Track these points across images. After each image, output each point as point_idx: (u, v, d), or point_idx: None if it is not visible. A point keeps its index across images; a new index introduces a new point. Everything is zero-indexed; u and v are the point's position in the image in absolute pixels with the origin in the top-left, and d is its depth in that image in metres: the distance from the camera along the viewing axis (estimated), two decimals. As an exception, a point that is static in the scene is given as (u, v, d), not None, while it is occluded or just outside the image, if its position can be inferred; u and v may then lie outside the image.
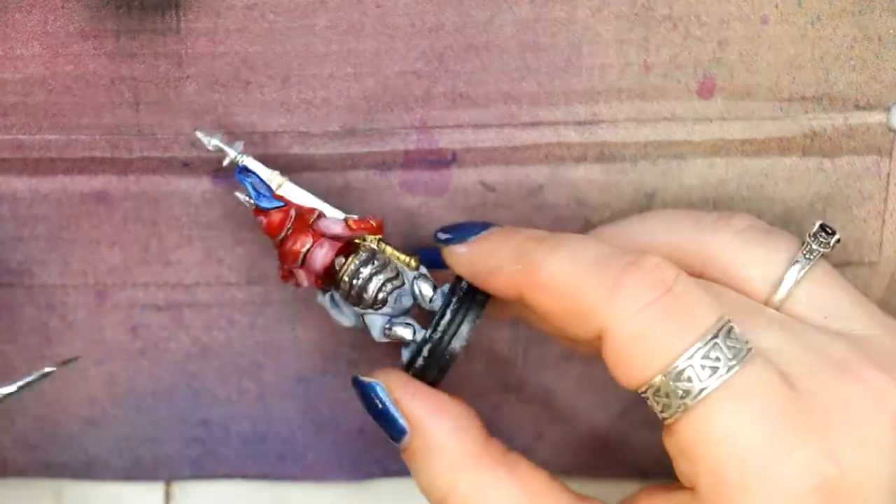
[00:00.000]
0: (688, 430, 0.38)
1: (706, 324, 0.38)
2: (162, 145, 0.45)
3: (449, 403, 0.43)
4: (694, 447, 0.38)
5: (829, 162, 0.47)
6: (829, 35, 0.45)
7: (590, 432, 0.51)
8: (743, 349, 0.38)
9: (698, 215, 0.44)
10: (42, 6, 0.43)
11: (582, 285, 0.39)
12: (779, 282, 0.42)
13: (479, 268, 0.42)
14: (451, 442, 0.42)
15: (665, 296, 0.38)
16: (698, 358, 0.38)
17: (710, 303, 0.39)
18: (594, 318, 0.39)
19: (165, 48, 0.44)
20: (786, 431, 0.38)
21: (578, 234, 0.42)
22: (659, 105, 0.46)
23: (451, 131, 0.46)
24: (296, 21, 0.44)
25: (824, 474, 0.38)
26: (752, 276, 0.43)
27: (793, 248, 0.43)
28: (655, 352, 0.38)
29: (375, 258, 0.44)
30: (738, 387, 0.38)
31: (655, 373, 0.38)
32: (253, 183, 0.44)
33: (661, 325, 0.38)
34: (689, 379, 0.38)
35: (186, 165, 0.46)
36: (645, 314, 0.38)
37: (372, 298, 0.43)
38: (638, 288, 0.38)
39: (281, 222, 0.44)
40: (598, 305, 0.39)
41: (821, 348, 0.40)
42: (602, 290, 0.39)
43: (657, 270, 0.39)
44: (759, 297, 0.43)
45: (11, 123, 0.45)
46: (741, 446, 0.38)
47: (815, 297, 0.42)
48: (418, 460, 0.42)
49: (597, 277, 0.39)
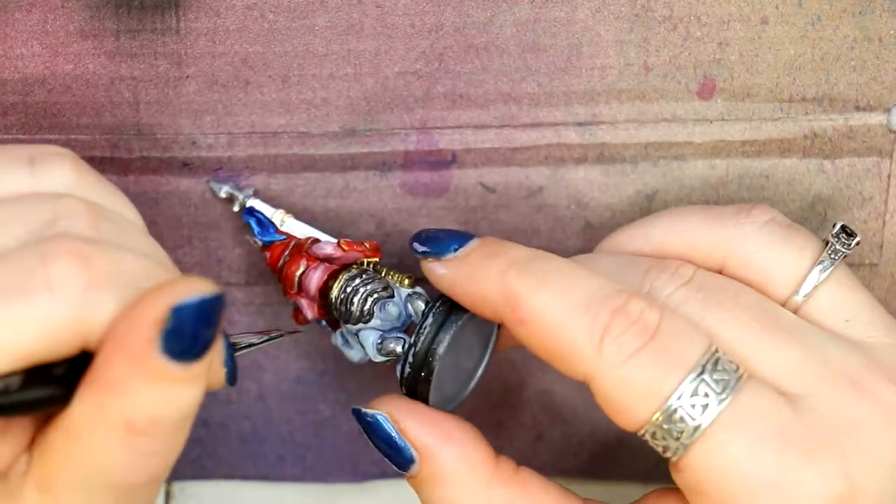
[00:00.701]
0: (692, 467, 0.38)
1: (691, 360, 0.38)
2: (161, 145, 0.45)
3: (454, 427, 0.42)
4: (701, 483, 0.38)
5: (829, 163, 0.47)
6: (829, 36, 0.45)
7: (590, 434, 0.51)
8: (732, 379, 0.38)
9: (717, 208, 0.44)
10: (42, 6, 0.43)
11: (567, 331, 0.38)
12: (801, 281, 0.42)
13: (460, 292, 0.41)
14: (460, 467, 0.41)
15: (650, 341, 0.38)
16: (687, 397, 0.38)
17: (695, 336, 0.39)
18: (580, 363, 0.38)
19: (165, 48, 0.44)
20: (791, 454, 0.38)
21: (564, 262, 0.40)
22: (659, 106, 0.46)
23: (451, 132, 0.46)
24: (296, 21, 0.44)
25: (837, 493, 0.37)
26: (774, 272, 0.42)
27: (814, 247, 0.42)
28: (644, 397, 0.38)
29: (364, 275, 0.44)
30: (733, 418, 0.38)
31: (647, 418, 0.38)
32: (259, 220, 0.45)
33: (647, 371, 0.38)
34: (681, 419, 0.38)
35: (186, 165, 0.46)
36: (631, 362, 0.38)
37: (358, 310, 0.43)
38: (625, 337, 0.38)
39: (279, 252, 0.45)
40: (584, 353, 0.38)
41: (837, 364, 0.40)
42: (589, 339, 0.38)
43: (643, 316, 0.38)
44: (778, 295, 0.42)
45: (11, 123, 0.45)
46: (748, 475, 0.38)
47: (836, 301, 0.42)
48: (428, 488, 0.42)
49: (583, 323, 0.38)
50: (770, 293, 0.42)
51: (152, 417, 0.34)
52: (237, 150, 0.46)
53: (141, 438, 0.34)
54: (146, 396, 0.34)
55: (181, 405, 0.35)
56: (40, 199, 0.36)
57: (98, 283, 0.34)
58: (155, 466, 0.35)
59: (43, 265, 0.34)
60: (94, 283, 0.34)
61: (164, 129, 0.45)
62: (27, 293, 0.34)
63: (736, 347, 0.40)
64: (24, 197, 0.36)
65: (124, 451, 0.34)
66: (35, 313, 0.34)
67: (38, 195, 0.36)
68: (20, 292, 0.34)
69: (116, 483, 0.35)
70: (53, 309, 0.34)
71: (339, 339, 0.45)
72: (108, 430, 0.34)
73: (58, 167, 0.37)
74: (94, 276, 0.34)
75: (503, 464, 0.42)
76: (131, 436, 0.34)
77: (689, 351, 0.38)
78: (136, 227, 0.38)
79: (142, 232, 0.38)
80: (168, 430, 0.35)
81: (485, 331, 0.43)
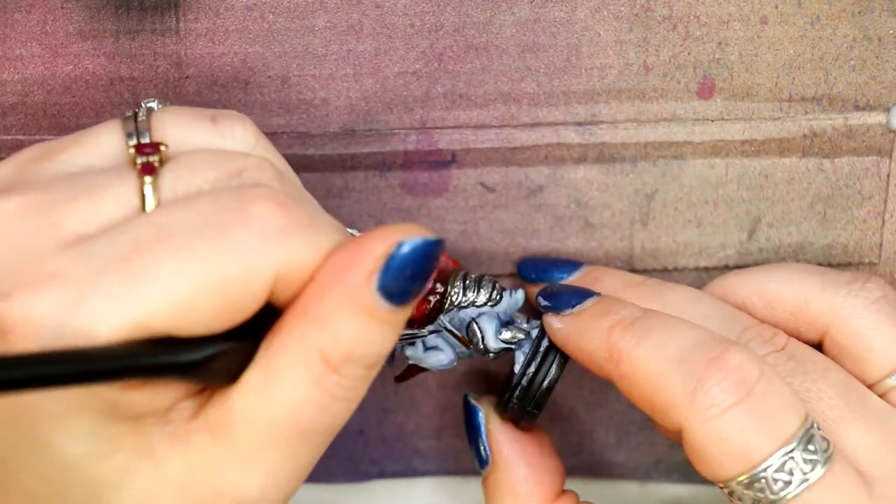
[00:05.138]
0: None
1: (787, 432, 0.38)
2: (161, 146, 0.45)
3: (535, 451, 0.44)
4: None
5: (828, 162, 0.47)
6: (828, 35, 0.45)
7: (590, 433, 0.51)
8: (821, 459, 0.38)
9: (832, 272, 0.44)
10: (41, 6, 0.43)
11: (664, 381, 0.39)
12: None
13: (572, 347, 0.42)
14: (524, 487, 0.43)
15: (747, 399, 0.38)
16: (773, 470, 0.38)
17: (794, 406, 0.38)
18: (675, 414, 0.38)
19: (165, 49, 0.44)
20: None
21: (667, 317, 0.41)
22: (659, 106, 0.46)
23: (451, 132, 0.46)
24: (295, 21, 0.44)
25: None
26: (874, 350, 0.42)
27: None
28: (734, 458, 0.38)
29: (472, 274, 0.45)
30: (815, 497, 0.38)
31: (733, 477, 0.38)
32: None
33: (740, 432, 0.38)
34: (762, 490, 0.38)
35: (186, 166, 0.46)
36: (725, 417, 0.38)
37: (487, 294, 0.44)
38: (720, 388, 0.38)
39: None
40: (679, 403, 0.38)
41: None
42: (684, 389, 0.38)
43: (741, 369, 0.38)
44: (873, 373, 0.42)
45: (11, 124, 0.45)
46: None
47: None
48: (490, 493, 0.44)
49: (679, 374, 0.38)
50: (866, 370, 0.42)
51: (349, 354, 0.35)
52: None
53: (333, 376, 0.35)
54: (349, 331, 0.35)
55: (375, 349, 0.35)
56: (228, 153, 0.37)
57: (294, 226, 0.35)
58: (335, 414, 0.36)
59: (242, 205, 0.35)
60: (290, 226, 0.35)
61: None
62: (227, 228, 0.34)
63: (818, 421, 0.40)
64: (212, 150, 0.37)
65: (314, 389, 0.35)
66: (234, 247, 0.34)
67: (225, 150, 0.37)
68: (220, 228, 0.34)
69: (299, 425, 0.36)
70: (250, 245, 0.34)
71: (419, 351, 0.45)
72: (306, 362, 0.35)
73: (239, 127, 0.38)
74: (289, 220, 0.35)
75: (563, 499, 0.43)
76: (326, 371, 0.35)
77: (786, 421, 0.38)
78: (310, 196, 0.39)
79: (312, 198, 0.39)
80: (357, 374, 0.36)
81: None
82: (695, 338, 0.39)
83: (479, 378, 0.50)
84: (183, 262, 0.34)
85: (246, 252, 0.34)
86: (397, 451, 0.51)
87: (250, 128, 0.38)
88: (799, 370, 0.41)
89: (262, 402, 0.35)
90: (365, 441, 0.51)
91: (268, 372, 0.35)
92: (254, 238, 0.34)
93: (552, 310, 0.42)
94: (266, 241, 0.34)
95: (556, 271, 0.46)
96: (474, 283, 0.44)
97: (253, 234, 0.34)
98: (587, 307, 0.42)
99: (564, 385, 0.50)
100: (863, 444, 0.40)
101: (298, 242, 0.35)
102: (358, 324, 0.35)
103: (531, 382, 0.43)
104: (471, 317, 0.44)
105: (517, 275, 0.47)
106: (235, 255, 0.34)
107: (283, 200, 0.35)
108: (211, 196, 0.35)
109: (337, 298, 0.35)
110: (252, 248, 0.34)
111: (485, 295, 0.44)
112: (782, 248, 0.48)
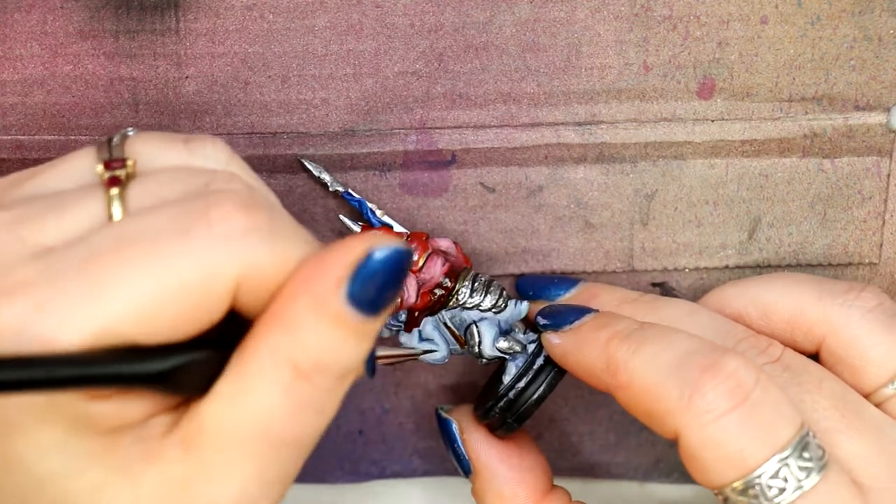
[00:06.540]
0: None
1: (782, 439, 0.38)
2: (161, 146, 0.45)
3: (513, 452, 0.44)
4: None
5: (828, 163, 0.47)
6: (828, 35, 0.45)
7: (589, 434, 0.51)
8: (815, 467, 0.38)
9: (828, 281, 0.44)
10: (41, 6, 0.43)
11: (660, 389, 0.39)
12: (895, 375, 0.42)
13: (571, 361, 0.42)
14: (507, 489, 0.44)
15: (742, 404, 0.38)
16: (768, 476, 0.38)
17: (789, 413, 0.38)
18: (671, 421, 0.38)
19: (164, 48, 0.44)
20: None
21: (662, 328, 0.41)
22: (659, 106, 0.46)
23: (451, 132, 0.46)
24: (295, 21, 0.44)
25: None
26: (871, 360, 0.42)
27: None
28: (728, 463, 0.38)
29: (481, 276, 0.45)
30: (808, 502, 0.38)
31: (727, 483, 0.38)
32: (360, 203, 0.46)
33: (735, 438, 0.38)
34: (756, 497, 0.38)
35: (186, 166, 0.46)
36: (720, 423, 0.38)
37: (493, 300, 0.44)
38: (715, 394, 0.38)
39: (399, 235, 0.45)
40: (675, 410, 0.38)
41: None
42: (680, 395, 0.38)
43: (736, 375, 0.38)
44: (870, 382, 0.42)
45: (10, 124, 0.45)
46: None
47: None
48: (479, 501, 0.44)
49: (675, 381, 0.38)
50: (862, 379, 0.42)
51: (318, 363, 0.35)
52: (237, 151, 0.45)
53: (303, 384, 0.35)
54: (318, 339, 0.35)
55: (345, 359, 0.35)
56: (197, 169, 0.37)
57: (256, 229, 0.35)
58: (305, 425, 0.36)
59: (205, 209, 0.35)
60: (252, 229, 0.35)
61: (163, 129, 0.45)
62: (188, 232, 0.34)
63: (813, 431, 0.40)
64: (182, 167, 0.37)
65: (284, 397, 0.35)
66: (194, 249, 0.34)
67: (195, 167, 0.37)
68: (181, 232, 0.34)
69: (268, 435, 0.35)
70: (211, 247, 0.34)
71: (414, 339, 0.45)
72: (276, 369, 0.35)
73: (211, 147, 0.38)
74: (252, 223, 0.35)
75: (555, 498, 0.44)
76: (296, 379, 0.35)
77: (781, 428, 0.38)
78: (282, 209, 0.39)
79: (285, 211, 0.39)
80: (328, 384, 0.35)
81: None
82: (691, 346, 0.39)
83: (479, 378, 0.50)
84: (144, 266, 0.34)
85: (206, 254, 0.34)
86: (397, 451, 0.51)
87: (221, 147, 0.38)
88: (794, 381, 0.41)
89: (231, 411, 0.35)
90: (365, 441, 0.51)
91: (238, 380, 0.35)
92: (215, 240, 0.34)
93: (551, 328, 0.43)
94: (227, 243, 0.34)
95: (553, 288, 0.46)
96: (483, 286, 0.44)
97: (214, 237, 0.34)
98: (585, 321, 0.42)
99: (564, 385, 0.50)
100: (858, 454, 0.40)
101: (261, 245, 0.35)
102: (326, 331, 0.35)
103: (518, 396, 0.44)
104: (472, 319, 0.44)
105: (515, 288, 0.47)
106: (196, 257, 0.34)
107: (247, 204, 0.35)
108: (176, 204, 0.35)
109: (305, 305, 0.35)
110: (213, 249, 0.34)
111: (490, 301, 0.44)
112: (782, 248, 0.48)
